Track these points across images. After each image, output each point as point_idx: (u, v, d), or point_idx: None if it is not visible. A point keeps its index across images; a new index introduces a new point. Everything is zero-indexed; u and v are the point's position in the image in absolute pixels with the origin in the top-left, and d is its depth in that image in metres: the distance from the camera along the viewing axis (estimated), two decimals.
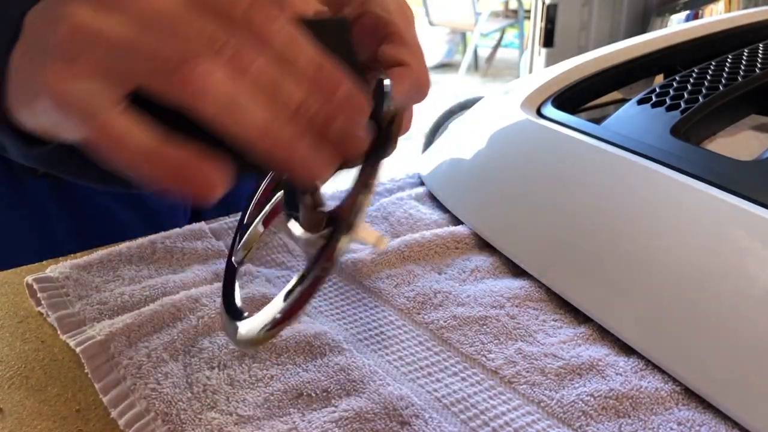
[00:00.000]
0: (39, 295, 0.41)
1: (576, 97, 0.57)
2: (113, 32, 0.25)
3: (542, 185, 0.48)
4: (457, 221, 0.52)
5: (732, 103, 0.49)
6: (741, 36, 0.65)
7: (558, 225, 0.45)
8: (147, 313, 0.39)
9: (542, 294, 0.43)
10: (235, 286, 0.35)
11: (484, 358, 0.37)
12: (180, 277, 0.43)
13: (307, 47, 0.26)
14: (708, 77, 0.52)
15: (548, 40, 2.46)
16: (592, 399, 0.34)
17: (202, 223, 0.50)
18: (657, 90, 0.51)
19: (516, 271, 0.46)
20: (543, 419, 0.33)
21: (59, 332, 0.39)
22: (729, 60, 0.55)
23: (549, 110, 0.53)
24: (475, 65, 4.90)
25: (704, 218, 0.38)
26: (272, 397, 0.34)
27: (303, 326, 0.38)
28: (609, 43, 0.66)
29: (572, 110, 0.54)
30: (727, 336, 0.34)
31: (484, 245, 0.49)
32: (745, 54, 0.56)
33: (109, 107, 0.25)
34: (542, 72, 0.61)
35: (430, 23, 4.61)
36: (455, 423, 0.33)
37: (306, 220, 0.30)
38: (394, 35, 0.35)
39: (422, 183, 0.58)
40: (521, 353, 0.37)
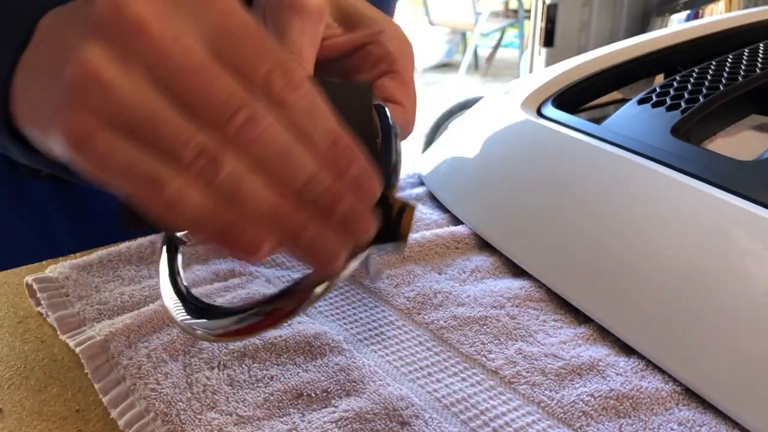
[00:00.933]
0: (39, 295, 0.41)
1: (576, 97, 0.57)
2: (124, 91, 0.23)
3: (542, 185, 0.48)
4: (457, 221, 0.52)
5: (732, 103, 0.49)
6: (741, 36, 0.65)
7: (558, 225, 0.45)
8: (147, 314, 0.39)
9: (542, 294, 0.43)
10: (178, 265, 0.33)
11: (485, 359, 0.37)
12: None
13: (326, 118, 0.25)
14: (708, 77, 0.52)
15: (548, 40, 2.46)
16: (593, 399, 0.34)
17: None
18: (657, 90, 0.51)
19: (516, 271, 0.46)
20: (543, 419, 0.33)
21: (59, 332, 0.39)
22: (729, 60, 0.55)
23: (549, 110, 0.53)
24: (475, 65, 4.90)
25: (704, 218, 0.38)
26: (272, 397, 0.34)
27: (303, 326, 0.38)
28: (609, 43, 0.66)
29: (572, 110, 0.54)
30: (728, 336, 0.34)
31: (484, 245, 0.49)
32: (746, 54, 0.56)
33: (151, 165, 0.23)
34: (542, 72, 0.61)
35: (430, 23, 4.61)
36: (455, 423, 0.33)
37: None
38: (397, 74, 0.38)
39: (422, 183, 0.58)
40: (521, 353, 0.37)
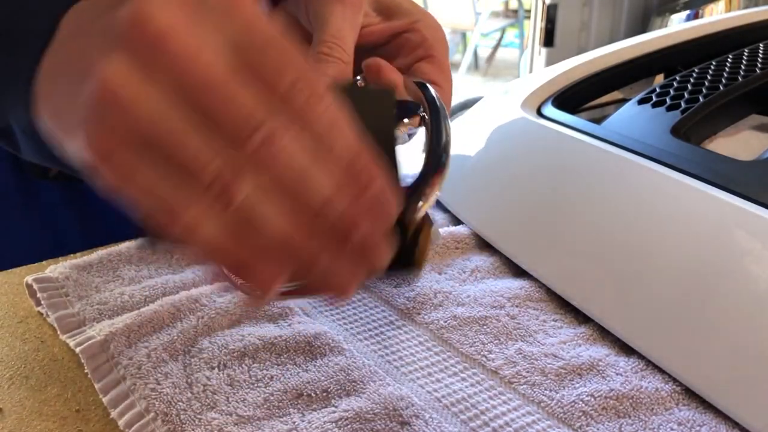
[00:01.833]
0: (39, 295, 0.41)
1: (576, 97, 0.57)
2: (146, 110, 0.23)
3: (542, 185, 0.48)
4: (457, 221, 0.52)
5: (732, 103, 0.49)
6: (741, 36, 0.65)
7: (558, 225, 0.45)
8: (147, 314, 0.39)
9: (542, 294, 0.43)
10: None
11: (484, 359, 0.37)
12: (180, 277, 0.43)
13: (347, 133, 0.24)
14: (708, 77, 0.52)
15: (548, 40, 2.46)
16: (593, 399, 0.34)
17: None
18: (657, 90, 0.51)
19: (516, 271, 0.46)
20: (543, 419, 0.33)
21: (59, 332, 0.39)
22: (729, 60, 0.55)
23: (549, 110, 0.53)
24: (475, 65, 4.90)
25: (704, 218, 0.37)
26: (272, 397, 0.34)
27: (303, 326, 0.38)
28: (609, 43, 0.66)
29: (572, 110, 0.54)
30: (728, 336, 0.34)
31: (484, 245, 0.49)
32: (746, 54, 0.56)
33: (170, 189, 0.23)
34: (542, 72, 0.61)
35: None
36: (455, 423, 0.33)
37: None
38: (434, 58, 0.40)
39: None
40: (521, 353, 0.37)
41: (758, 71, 0.51)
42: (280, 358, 0.36)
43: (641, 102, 0.50)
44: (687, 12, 2.38)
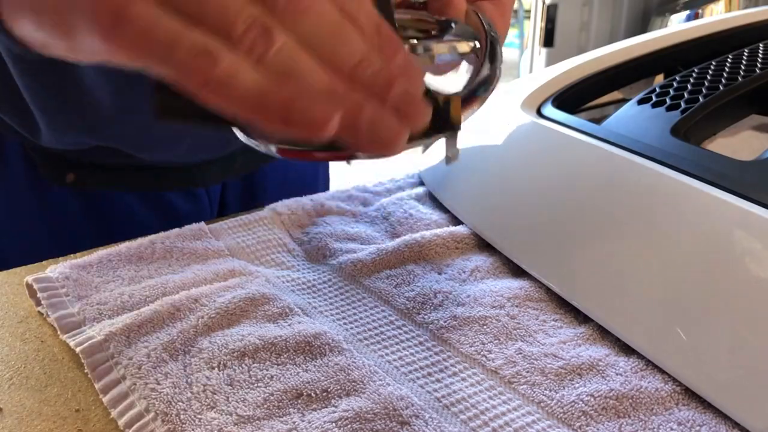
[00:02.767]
0: (39, 295, 0.41)
1: (576, 97, 0.57)
2: None
3: (542, 185, 0.48)
4: (457, 221, 0.52)
5: (732, 103, 0.49)
6: (741, 36, 0.65)
7: (558, 225, 0.45)
8: (147, 313, 0.39)
9: (542, 294, 0.43)
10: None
11: (484, 358, 0.37)
12: (180, 277, 0.43)
13: (369, 5, 0.24)
14: (708, 77, 0.52)
15: (548, 40, 2.46)
16: (593, 399, 0.34)
17: (202, 223, 0.50)
18: (657, 90, 0.51)
19: (516, 271, 0.46)
20: (543, 419, 0.33)
21: (59, 332, 0.39)
22: (729, 60, 0.55)
23: (549, 110, 0.53)
24: None
25: (704, 218, 0.37)
26: (272, 397, 0.34)
27: (303, 326, 0.38)
28: (609, 43, 0.66)
29: (572, 110, 0.54)
30: (728, 336, 0.34)
31: (484, 245, 0.49)
32: (745, 54, 0.56)
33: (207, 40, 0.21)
34: (542, 72, 0.61)
35: None
36: (455, 423, 0.33)
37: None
38: (500, 1, 0.38)
39: (422, 183, 0.58)
40: (521, 353, 0.37)
41: (758, 71, 0.51)
42: (280, 358, 0.36)
43: (641, 102, 0.50)
44: (687, 12, 2.38)
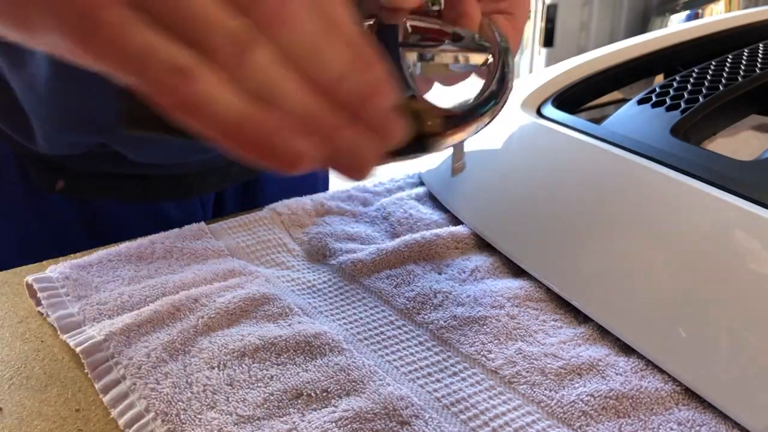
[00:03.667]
0: (39, 295, 0.41)
1: (576, 97, 0.57)
2: None
3: (542, 185, 0.48)
4: (457, 221, 0.52)
5: (732, 103, 0.49)
6: (741, 36, 0.65)
7: (558, 225, 0.45)
8: (146, 313, 0.39)
9: (542, 294, 0.43)
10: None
11: (484, 358, 0.37)
12: (179, 277, 0.43)
13: (348, 15, 0.23)
14: (708, 77, 0.52)
15: (548, 40, 2.46)
16: (592, 399, 0.34)
17: (202, 223, 0.50)
18: (657, 90, 0.51)
19: (516, 271, 0.46)
20: (543, 419, 0.33)
21: (59, 332, 0.39)
22: (729, 60, 0.55)
23: (549, 110, 0.53)
24: None
25: (704, 218, 0.37)
26: (272, 397, 0.34)
27: (303, 326, 0.38)
28: (609, 43, 0.66)
29: (572, 110, 0.54)
30: (728, 336, 0.34)
31: (484, 245, 0.49)
32: (745, 54, 0.56)
33: (183, 58, 0.20)
34: (542, 72, 0.61)
35: None
36: (455, 423, 0.33)
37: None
38: (513, 17, 0.38)
39: (422, 183, 0.58)
40: (521, 353, 0.37)
41: (758, 71, 0.51)
42: (280, 358, 0.36)
43: (641, 102, 0.50)
44: (687, 12, 2.38)
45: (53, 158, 0.54)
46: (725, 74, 0.52)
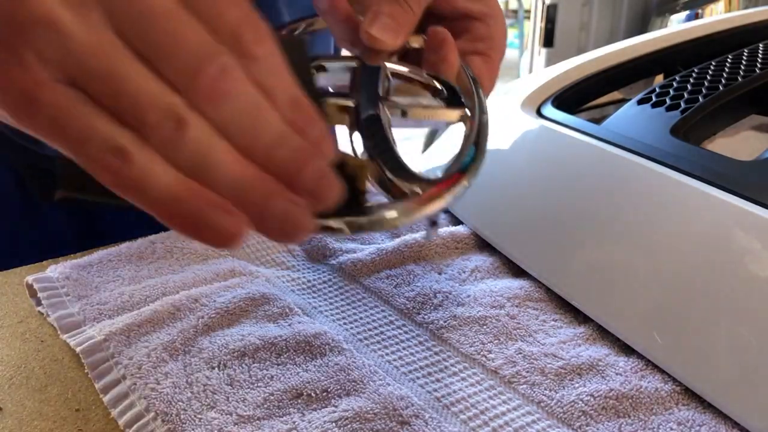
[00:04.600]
0: (39, 295, 0.41)
1: (576, 97, 0.57)
2: (82, 39, 0.20)
3: (542, 185, 0.48)
4: (457, 221, 0.52)
5: (732, 103, 0.49)
6: (741, 36, 0.65)
7: (558, 225, 0.45)
8: (147, 313, 0.39)
9: (542, 294, 0.43)
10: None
11: (484, 358, 0.37)
12: (180, 277, 0.43)
13: (287, 75, 0.23)
14: (708, 77, 0.52)
15: (548, 40, 2.46)
16: (592, 399, 0.34)
17: None
18: (657, 90, 0.51)
19: (516, 271, 0.46)
20: (543, 419, 0.33)
21: (59, 332, 0.39)
22: (729, 60, 0.55)
23: (549, 110, 0.53)
24: None
25: (704, 218, 0.37)
26: (272, 397, 0.34)
27: (303, 326, 0.38)
28: (609, 43, 0.66)
29: (572, 110, 0.54)
30: (727, 336, 0.34)
31: (484, 245, 0.49)
32: (745, 54, 0.56)
33: (119, 136, 0.21)
34: (542, 72, 0.61)
35: None
36: (455, 423, 0.33)
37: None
38: (489, 58, 0.39)
39: None
40: (521, 353, 0.37)
41: (758, 71, 0.51)
42: (280, 358, 0.36)
43: (641, 102, 0.50)
44: (687, 12, 2.38)
45: (52, 167, 0.54)
46: (725, 74, 0.52)
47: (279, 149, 0.23)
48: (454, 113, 0.34)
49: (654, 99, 0.50)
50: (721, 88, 0.49)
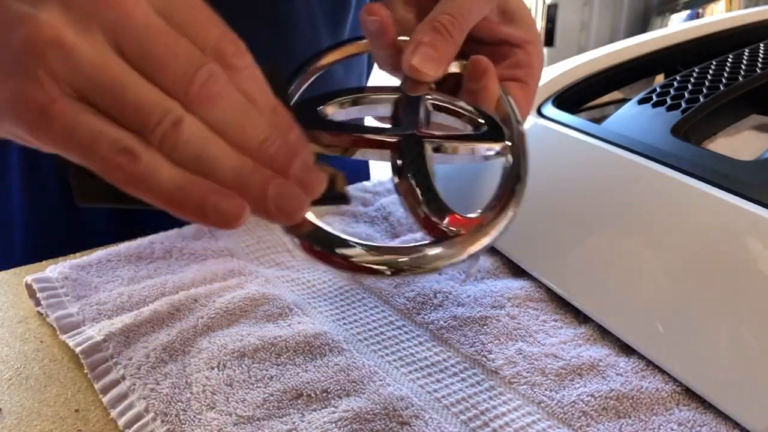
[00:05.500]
0: (38, 295, 0.41)
1: (576, 97, 0.57)
2: (87, 56, 0.23)
3: (542, 185, 0.47)
4: None
5: (732, 103, 0.49)
6: (741, 36, 0.65)
7: (558, 225, 0.45)
8: (146, 313, 0.39)
9: (542, 294, 0.43)
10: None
11: (485, 359, 0.37)
12: (179, 277, 0.43)
13: (265, 86, 0.26)
14: (708, 77, 0.52)
15: (548, 40, 2.46)
16: (593, 399, 0.34)
17: None
18: (657, 90, 0.51)
19: (516, 271, 0.46)
20: (543, 419, 0.33)
21: (58, 332, 0.39)
22: (729, 60, 0.55)
23: (549, 110, 0.53)
24: None
25: (705, 218, 0.37)
26: (272, 398, 0.34)
27: (303, 326, 0.38)
28: (609, 43, 0.65)
29: (572, 110, 0.54)
30: (728, 336, 0.34)
31: None
32: (746, 54, 0.56)
33: (127, 138, 0.24)
34: (542, 72, 0.61)
35: None
36: (455, 423, 0.33)
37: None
38: (528, 87, 0.39)
39: None
40: (521, 353, 0.37)
41: (758, 71, 0.51)
42: (280, 358, 0.36)
43: (641, 102, 0.50)
44: (687, 12, 2.38)
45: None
46: (726, 74, 0.52)
47: (268, 144, 0.25)
48: (494, 145, 0.34)
49: (654, 99, 0.50)
50: (722, 88, 0.49)
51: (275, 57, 0.53)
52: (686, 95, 0.49)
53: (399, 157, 0.31)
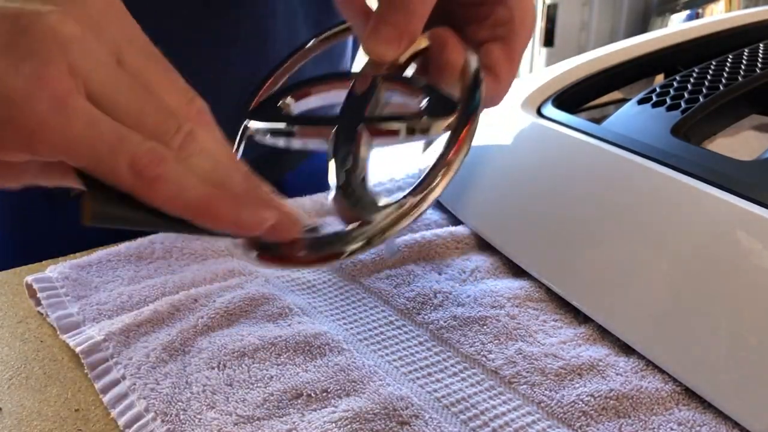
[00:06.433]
0: (38, 295, 0.41)
1: (576, 97, 0.57)
2: (104, 58, 0.24)
3: (542, 185, 0.47)
4: (457, 221, 0.52)
5: (732, 103, 0.49)
6: (741, 36, 0.65)
7: (558, 225, 0.45)
8: (146, 313, 0.39)
9: (542, 294, 0.43)
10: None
11: (484, 359, 0.37)
12: (179, 277, 0.43)
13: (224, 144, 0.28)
14: (708, 77, 0.52)
15: (548, 40, 2.46)
16: (593, 399, 0.34)
17: None
18: (657, 90, 0.51)
19: (516, 271, 0.46)
20: (543, 419, 0.33)
21: (58, 332, 0.39)
22: (729, 60, 0.55)
23: (549, 110, 0.53)
24: None
25: (704, 218, 0.37)
26: (272, 397, 0.34)
27: (303, 326, 0.38)
28: (609, 43, 0.65)
29: (572, 110, 0.54)
30: (728, 336, 0.34)
31: (484, 245, 0.49)
32: (746, 54, 0.56)
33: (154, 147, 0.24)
34: (542, 72, 0.61)
35: None
36: (455, 423, 0.33)
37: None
38: (510, 46, 0.37)
39: None
40: (521, 353, 0.37)
41: (758, 71, 0.51)
42: (280, 358, 0.36)
43: (641, 102, 0.50)
44: (687, 12, 2.38)
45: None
46: (725, 74, 0.52)
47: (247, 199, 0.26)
48: (443, 124, 0.33)
49: (654, 99, 0.50)
50: (722, 88, 0.49)
51: (255, 51, 0.53)
52: (686, 95, 0.49)
53: (333, 145, 0.32)
